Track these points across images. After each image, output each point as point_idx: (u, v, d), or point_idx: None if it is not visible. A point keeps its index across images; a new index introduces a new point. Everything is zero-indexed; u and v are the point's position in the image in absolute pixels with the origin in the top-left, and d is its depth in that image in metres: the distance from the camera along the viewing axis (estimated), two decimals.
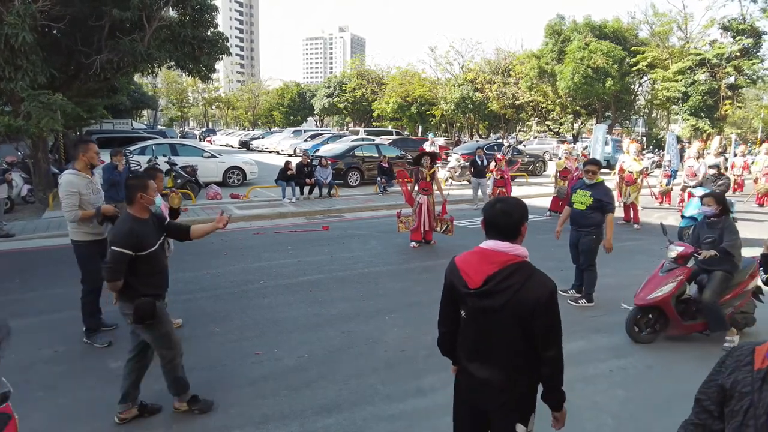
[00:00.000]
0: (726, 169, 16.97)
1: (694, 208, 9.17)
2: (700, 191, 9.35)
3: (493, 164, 12.91)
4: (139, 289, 3.52)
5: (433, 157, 9.66)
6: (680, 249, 5.16)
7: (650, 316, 5.15)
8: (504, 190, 12.50)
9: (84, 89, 14.80)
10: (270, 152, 34.80)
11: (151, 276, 3.62)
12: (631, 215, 11.33)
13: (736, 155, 17.62)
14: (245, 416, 3.84)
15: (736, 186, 16.96)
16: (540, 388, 2.37)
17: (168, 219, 4.30)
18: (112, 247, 3.43)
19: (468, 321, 2.32)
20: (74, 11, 11.73)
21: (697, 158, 12.42)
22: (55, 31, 12.47)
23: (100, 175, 6.20)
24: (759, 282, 5.29)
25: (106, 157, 7.81)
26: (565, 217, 6.53)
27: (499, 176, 12.60)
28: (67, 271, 4.92)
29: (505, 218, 2.23)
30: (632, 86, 34.68)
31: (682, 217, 8.85)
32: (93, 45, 12.43)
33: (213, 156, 16.74)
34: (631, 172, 11.30)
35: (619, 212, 11.57)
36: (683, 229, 8.48)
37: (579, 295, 6.36)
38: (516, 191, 14.74)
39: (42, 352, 4.86)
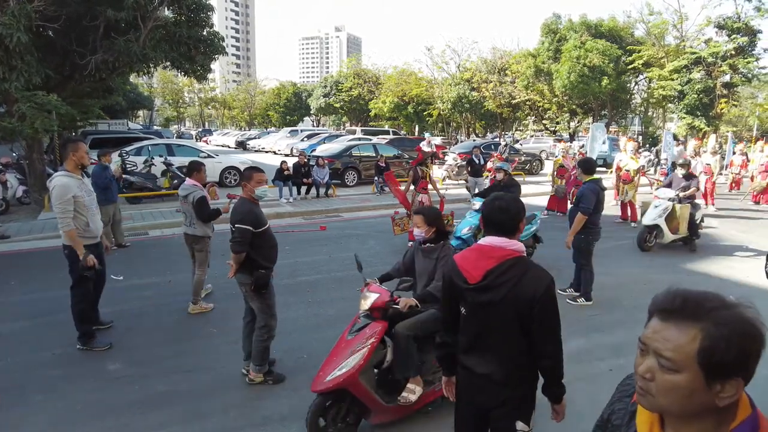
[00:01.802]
0: (723, 167, 17.05)
1: (465, 226, 7.46)
2: (478, 204, 7.62)
3: (490, 163, 12.92)
4: (257, 261, 4.12)
5: (432, 156, 9.78)
6: (374, 296, 3.54)
7: (340, 402, 3.45)
8: None
9: (79, 90, 14.75)
10: (267, 152, 34.73)
11: (266, 250, 4.22)
12: (629, 214, 11.35)
13: (734, 153, 17.69)
14: (245, 417, 3.82)
15: (733, 184, 17.06)
16: (539, 385, 2.38)
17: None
18: (237, 225, 4.02)
19: (468, 317, 2.33)
20: (69, 11, 11.67)
21: (694, 156, 12.47)
22: (49, 32, 12.41)
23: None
24: None
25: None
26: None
27: (493, 176, 12.61)
28: (64, 273, 4.90)
29: (504, 215, 2.28)
30: (628, 85, 34.74)
31: (456, 238, 7.36)
32: (88, 45, 12.37)
33: (209, 156, 16.68)
34: (628, 171, 11.33)
35: (616, 210, 11.63)
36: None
37: (577, 294, 6.36)
38: None
39: (40, 355, 4.83)
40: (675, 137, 21.64)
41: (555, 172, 12.68)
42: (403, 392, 3.56)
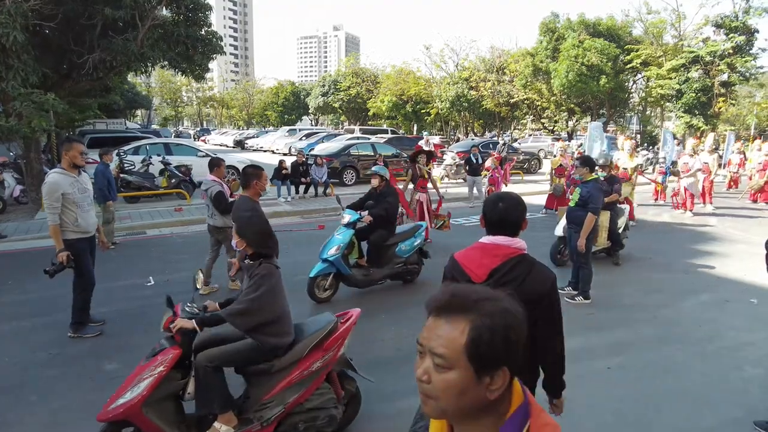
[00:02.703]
0: (722, 165, 17.06)
1: (332, 245, 6.10)
2: (348, 217, 6.29)
3: (488, 162, 12.92)
4: None
5: (430, 155, 9.70)
6: (169, 314, 3.23)
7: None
8: (493, 188, 12.53)
9: (77, 89, 14.68)
10: (265, 151, 34.72)
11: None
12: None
13: (733, 152, 17.72)
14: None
15: (731, 182, 17.09)
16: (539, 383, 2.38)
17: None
18: None
19: None
20: (66, 10, 11.62)
21: (692, 155, 12.49)
22: (46, 31, 12.36)
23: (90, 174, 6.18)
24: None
25: (94, 156, 7.79)
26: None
27: (490, 175, 12.61)
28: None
29: (509, 215, 2.28)
30: (626, 84, 34.79)
31: (322, 260, 6.08)
32: (85, 44, 12.32)
33: (208, 155, 16.63)
34: (626, 169, 11.35)
35: None
36: (314, 280, 6.02)
37: (575, 293, 6.36)
38: (511, 189, 14.75)
39: (36, 355, 4.81)
40: (673, 136, 21.66)
41: (553, 171, 12.69)
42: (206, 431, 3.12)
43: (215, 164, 6.50)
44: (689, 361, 4.74)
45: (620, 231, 8.09)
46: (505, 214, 2.28)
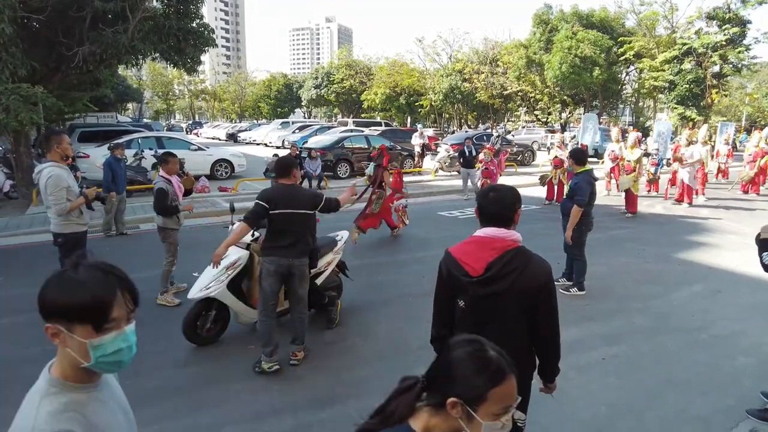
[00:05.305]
0: (712, 157, 17.14)
1: None
2: None
3: (482, 155, 12.92)
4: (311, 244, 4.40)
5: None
6: None
7: None
8: (489, 181, 12.54)
9: (66, 82, 14.50)
10: (258, 144, 34.52)
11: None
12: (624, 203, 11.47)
13: (720, 143, 17.82)
14: (238, 412, 3.80)
15: (719, 173, 17.20)
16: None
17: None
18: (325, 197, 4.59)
19: (467, 311, 2.30)
20: (55, 2, 11.44)
21: (687, 145, 12.56)
22: (35, 23, 12.18)
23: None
24: None
25: (90, 150, 7.69)
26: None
27: (484, 167, 12.64)
28: (52, 268, 4.83)
29: (500, 206, 2.28)
30: (619, 75, 34.85)
31: None
32: (75, 37, 12.14)
33: (200, 149, 16.55)
34: (629, 161, 11.41)
35: (606, 201, 11.68)
36: None
37: (570, 284, 6.38)
38: (505, 181, 14.75)
39: (30, 351, 4.76)
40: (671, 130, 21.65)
41: (551, 163, 12.83)
42: None
43: (164, 160, 5.92)
44: (682, 350, 4.78)
45: (330, 288, 5.30)
46: (497, 205, 2.28)
